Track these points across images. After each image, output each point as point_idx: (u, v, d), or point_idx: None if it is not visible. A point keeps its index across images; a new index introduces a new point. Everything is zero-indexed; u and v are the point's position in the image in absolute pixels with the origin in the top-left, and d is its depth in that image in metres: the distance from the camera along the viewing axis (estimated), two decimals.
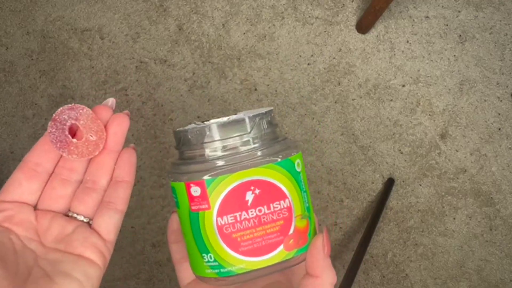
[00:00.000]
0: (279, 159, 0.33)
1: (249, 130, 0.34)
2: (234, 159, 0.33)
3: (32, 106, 1.14)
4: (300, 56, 1.14)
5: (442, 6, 1.14)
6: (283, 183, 0.33)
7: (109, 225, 0.35)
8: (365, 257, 1.11)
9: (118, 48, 1.15)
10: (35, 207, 0.35)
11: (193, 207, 0.34)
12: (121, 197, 0.35)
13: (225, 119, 0.34)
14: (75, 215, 0.35)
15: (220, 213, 0.33)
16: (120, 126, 0.35)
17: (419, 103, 1.14)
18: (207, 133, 0.33)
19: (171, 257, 0.39)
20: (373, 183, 1.14)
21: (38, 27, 1.15)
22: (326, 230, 0.34)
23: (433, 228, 1.14)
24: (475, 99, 1.14)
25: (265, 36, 1.14)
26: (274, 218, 0.33)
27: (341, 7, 1.15)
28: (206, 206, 0.33)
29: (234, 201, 0.32)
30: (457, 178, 1.13)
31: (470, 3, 1.14)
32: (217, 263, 0.33)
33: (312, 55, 1.14)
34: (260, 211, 0.33)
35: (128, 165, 0.36)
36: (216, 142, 0.33)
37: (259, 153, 0.33)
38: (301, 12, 1.14)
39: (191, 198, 0.33)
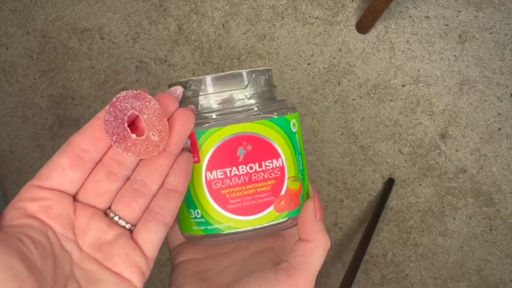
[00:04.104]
0: (274, 116, 0.32)
1: (245, 85, 0.32)
2: (227, 113, 0.31)
3: (32, 106, 1.14)
4: (300, 56, 1.14)
5: (442, 6, 1.14)
6: (277, 142, 0.32)
7: (155, 240, 0.30)
8: (365, 257, 1.11)
9: (118, 48, 1.15)
10: (73, 199, 0.30)
11: None
12: (172, 210, 0.30)
13: (221, 73, 0.33)
14: (116, 218, 0.30)
15: (210, 167, 0.31)
16: (185, 127, 0.31)
17: (419, 103, 1.14)
18: (202, 86, 0.32)
19: None
20: (373, 183, 1.14)
21: (38, 27, 1.15)
22: (317, 193, 0.33)
23: (433, 228, 1.14)
24: (475, 99, 1.14)
25: (265, 36, 1.14)
26: (266, 177, 0.32)
27: (341, 7, 1.15)
28: (196, 159, 0.31)
29: (224, 156, 0.31)
30: (457, 178, 1.13)
31: (470, 3, 1.14)
32: (204, 220, 0.32)
33: (312, 55, 1.14)
34: (251, 168, 0.31)
35: (185, 173, 0.31)
36: (210, 95, 0.32)
37: (253, 109, 0.32)
38: (301, 12, 1.14)
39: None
